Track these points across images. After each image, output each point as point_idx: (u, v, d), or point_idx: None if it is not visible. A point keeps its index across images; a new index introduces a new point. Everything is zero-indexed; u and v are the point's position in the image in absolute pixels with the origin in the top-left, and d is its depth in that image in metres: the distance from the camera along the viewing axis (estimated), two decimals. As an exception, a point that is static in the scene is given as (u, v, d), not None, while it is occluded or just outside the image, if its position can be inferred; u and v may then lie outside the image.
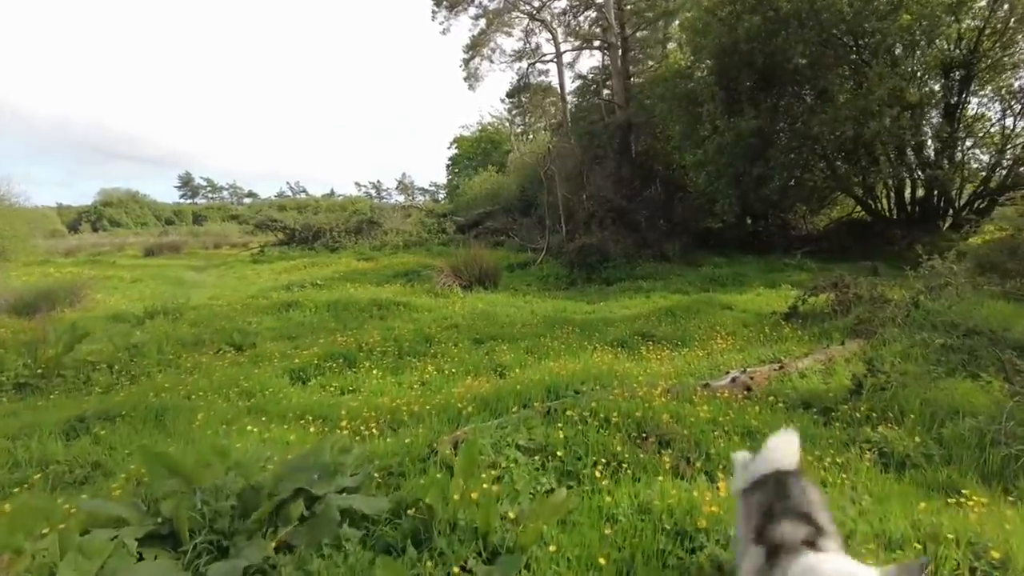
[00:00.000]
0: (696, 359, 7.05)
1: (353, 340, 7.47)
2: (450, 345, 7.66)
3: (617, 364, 6.59)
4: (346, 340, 7.48)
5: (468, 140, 54.53)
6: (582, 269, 17.70)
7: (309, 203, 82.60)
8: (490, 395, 4.98)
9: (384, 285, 16.04)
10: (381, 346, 7.29)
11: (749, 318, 10.37)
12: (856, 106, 15.66)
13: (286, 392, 5.85)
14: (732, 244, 22.50)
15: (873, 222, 21.26)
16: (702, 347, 7.73)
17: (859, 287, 8.86)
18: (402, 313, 11.43)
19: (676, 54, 25.31)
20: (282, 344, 8.74)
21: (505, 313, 11.75)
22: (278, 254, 29.00)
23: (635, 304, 12.89)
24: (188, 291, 17.65)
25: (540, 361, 7.03)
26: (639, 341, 8.22)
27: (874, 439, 4.34)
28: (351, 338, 7.81)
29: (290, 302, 12.37)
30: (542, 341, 8.04)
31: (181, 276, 21.51)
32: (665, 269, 17.38)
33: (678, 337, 8.44)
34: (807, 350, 7.34)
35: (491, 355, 7.35)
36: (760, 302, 11.91)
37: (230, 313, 11.63)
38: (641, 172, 24.95)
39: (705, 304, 11.69)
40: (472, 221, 32.50)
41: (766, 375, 6.37)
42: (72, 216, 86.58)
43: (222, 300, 14.26)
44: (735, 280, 15.20)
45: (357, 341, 7.35)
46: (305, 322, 10.80)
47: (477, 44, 36.96)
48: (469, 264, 14.55)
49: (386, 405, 4.85)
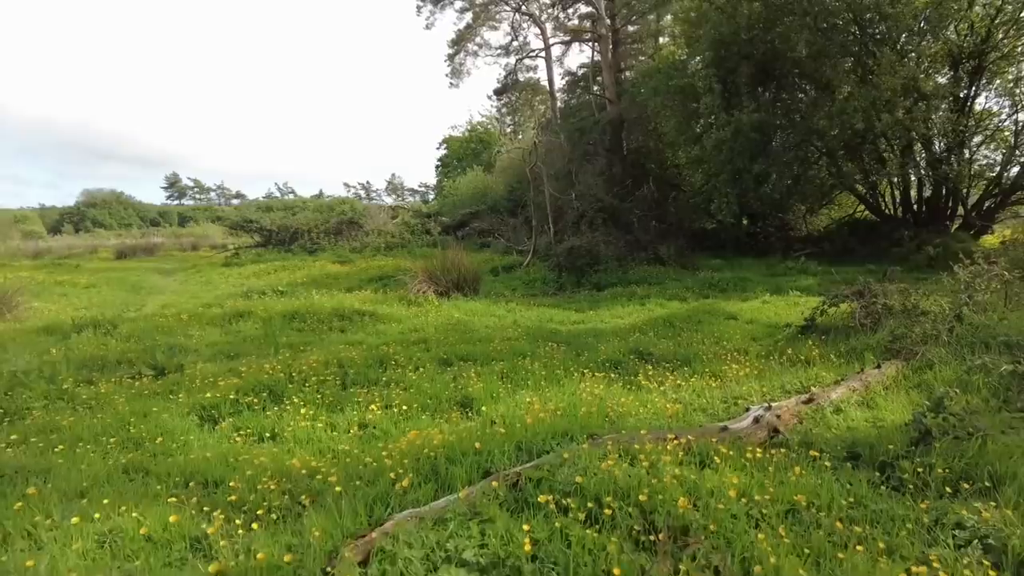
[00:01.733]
0: (706, 387, 5.81)
1: (283, 367, 6.09)
2: (408, 370, 6.36)
3: (610, 397, 5.33)
4: (274, 367, 6.08)
5: (457, 140, 53.22)
6: (571, 273, 16.46)
7: (297, 204, 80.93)
8: (441, 452, 3.71)
9: (355, 291, 14.71)
10: (320, 373, 5.98)
11: (758, 331, 9.17)
12: (866, 97, 14.51)
13: (187, 439, 4.55)
14: (729, 246, 21.35)
15: (878, 222, 20.18)
16: (710, 370, 6.49)
17: (888, 296, 7.65)
18: (366, 325, 10.12)
19: (670, 47, 24.17)
20: (217, 365, 7.43)
21: (483, 324, 10.47)
22: (253, 257, 27.58)
23: (629, 313, 11.66)
24: (144, 298, 16.29)
25: (516, 392, 5.76)
26: (635, 362, 6.97)
27: (969, 523, 3.11)
28: (286, 361, 6.44)
29: (243, 312, 11.03)
30: (521, 363, 6.77)
31: (143, 281, 20.09)
32: (660, 273, 16.16)
33: (680, 356, 7.20)
34: (837, 375, 6.11)
35: (458, 382, 6.07)
36: (768, 311, 10.71)
37: (172, 325, 10.27)
38: (633, 170, 23.77)
39: (707, 313, 10.48)
40: (458, 222, 31.21)
41: (794, 411, 5.15)
42: (55, 217, 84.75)
43: (173, 308, 12.91)
44: (736, 285, 14.00)
45: (287, 369, 5.99)
46: (253, 336, 9.48)
47: (462, 39, 35.67)
48: (446, 268, 13.26)
49: (296, 469, 3.56)
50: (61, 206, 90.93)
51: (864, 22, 16.68)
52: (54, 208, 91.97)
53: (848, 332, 7.60)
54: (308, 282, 16.93)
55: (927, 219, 18.94)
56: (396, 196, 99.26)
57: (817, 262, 16.75)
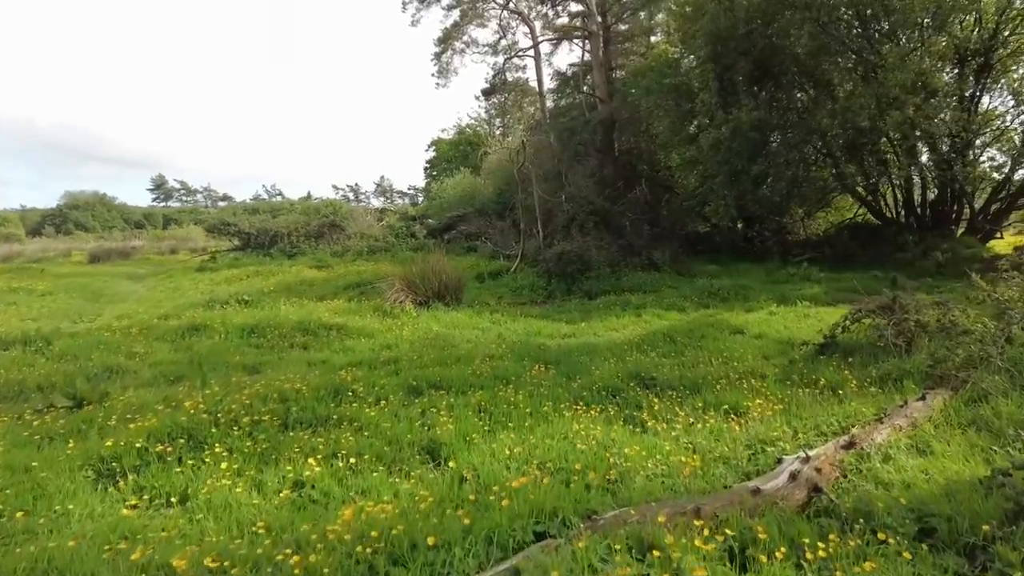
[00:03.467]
0: (724, 427, 4.85)
1: (210, 403, 4.96)
2: (367, 403, 5.34)
3: (610, 442, 4.36)
4: (196, 405, 4.90)
5: (446, 142, 52.27)
6: (561, 279, 15.49)
7: (284, 206, 79.56)
8: (383, 549, 2.71)
9: (328, 300, 13.66)
10: (256, 410, 4.93)
11: (769, 347, 8.24)
12: (872, 94, 13.65)
13: (67, 508, 3.53)
14: (724, 250, 20.50)
15: (880, 226, 19.39)
16: (725, 402, 5.53)
17: (921, 311, 6.74)
18: (332, 341, 9.09)
19: (663, 44, 23.30)
20: (153, 392, 6.37)
21: (465, 339, 9.47)
22: (229, 261, 26.42)
23: (624, 325, 10.70)
24: (102, 306, 15.14)
25: (496, 432, 4.77)
26: (637, 390, 6.00)
27: None
28: (214, 397, 5.32)
29: (199, 325, 9.96)
30: (503, 392, 5.77)
31: (108, 287, 18.89)
32: (655, 279, 15.23)
33: (688, 381, 6.24)
34: (875, 408, 5.17)
35: (427, 418, 5.07)
36: (776, 324, 9.79)
37: (117, 341, 9.19)
38: (625, 172, 22.86)
39: (710, 327, 9.55)
40: (444, 225, 30.18)
41: (835, 460, 4.20)
42: (36, 219, 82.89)
43: (127, 320, 11.79)
44: (737, 294, 13.09)
45: (214, 406, 4.90)
46: (205, 355, 8.42)
47: (449, 37, 34.69)
48: (427, 275, 12.24)
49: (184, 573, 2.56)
50: (43, 207, 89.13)
51: (867, 17, 15.89)
52: (36, 210, 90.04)
53: (876, 352, 6.68)
54: (281, 289, 15.84)
55: (931, 223, 18.17)
56: (385, 199, 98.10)
57: (819, 268, 15.90)
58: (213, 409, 4.81)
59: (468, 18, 33.90)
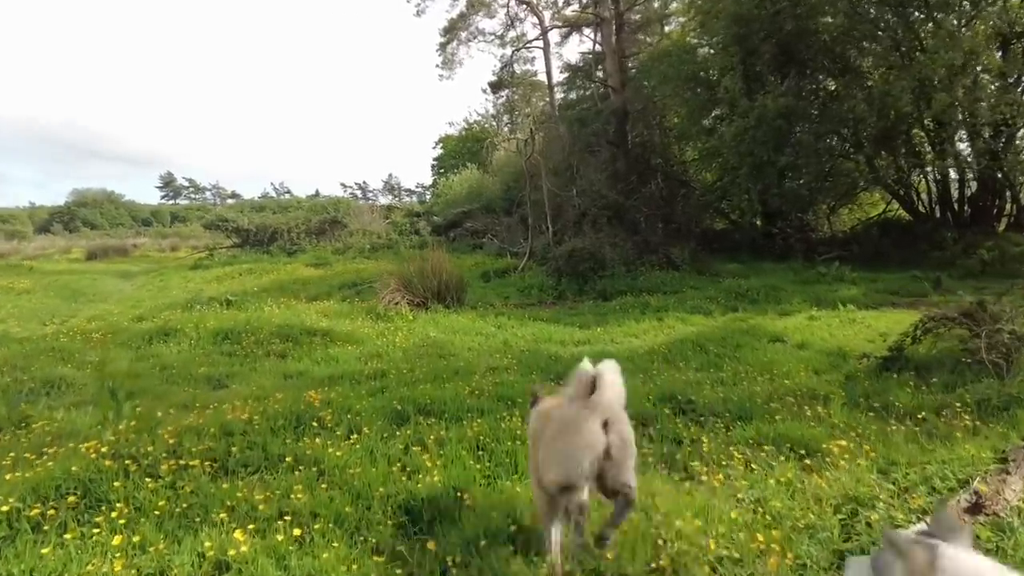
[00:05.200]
0: (795, 474, 3.70)
1: (122, 442, 3.77)
2: (334, 438, 4.22)
3: (648, 501, 3.24)
4: (96, 449, 3.64)
5: (453, 139, 51.21)
6: (572, 279, 14.33)
7: (291, 204, 78.82)
8: None
9: (321, 300, 12.59)
10: (186, 449, 3.81)
11: (818, 360, 7.07)
12: (915, 76, 12.40)
13: None
14: (744, 248, 19.22)
15: (913, 223, 18.11)
16: (786, 434, 4.39)
17: (1017, 320, 5.56)
18: (315, 348, 8.00)
19: (680, 31, 22.10)
20: (91, 415, 5.33)
21: (465, 347, 8.37)
22: (226, 258, 25.49)
23: (644, 330, 9.55)
24: (79, 306, 14.19)
25: (496, 480, 3.67)
26: (673, 419, 4.88)
27: None
28: (126, 434, 4.14)
29: (170, 329, 8.90)
30: (507, 420, 4.66)
31: (93, 286, 17.92)
32: (674, 279, 14.05)
33: (734, 405, 5.11)
34: (988, 450, 4.01)
35: (408, 458, 3.97)
36: (819, 332, 8.61)
37: (74, 348, 8.16)
38: (638, 165, 21.65)
39: (744, 333, 8.39)
40: (450, 222, 29.11)
41: (963, 531, 3.05)
42: (44, 217, 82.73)
43: (98, 322, 10.79)
44: (768, 296, 11.89)
45: (123, 450, 3.77)
46: (169, 365, 7.37)
47: (455, 27, 33.57)
48: (425, 274, 11.12)
49: None
50: (51, 205, 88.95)
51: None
52: (44, 207, 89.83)
53: (961, 371, 5.51)
54: (272, 288, 14.81)
55: (970, 219, 16.92)
56: (393, 196, 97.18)
57: (850, 268, 14.67)
58: (125, 451, 3.70)
59: (475, 7, 32.77)
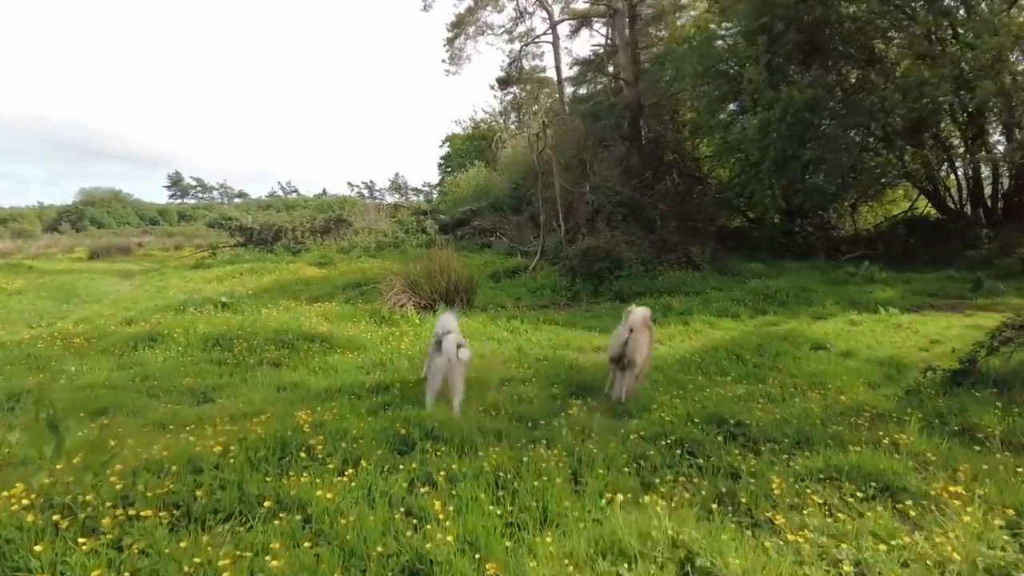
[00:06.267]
0: (894, 525, 2.99)
1: (60, 489, 3.01)
2: (325, 473, 3.52)
3: (716, 564, 2.53)
4: (15, 500, 2.90)
5: (460, 138, 50.52)
6: (587, 279, 13.60)
7: (298, 203, 78.47)
8: None
9: (323, 302, 11.91)
10: (127, 500, 3.10)
11: (869, 370, 6.34)
12: (956, 63, 11.60)
13: None
14: (763, 247, 18.40)
15: (943, 220, 17.27)
16: (862, 467, 3.66)
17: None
18: (313, 356, 7.32)
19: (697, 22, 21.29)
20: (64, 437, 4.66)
21: (477, 353, 7.65)
22: (229, 257, 24.92)
23: (670, 335, 8.82)
24: (71, 307, 13.58)
25: (521, 531, 2.96)
26: (723, 445, 4.16)
27: None
28: (58, 484, 3.40)
29: (157, 335, 8.25)
30: (531, 453, 3.95)
31: (89, 286, 17.31)
32: (695, 280, 13.30)
33: (791, 429, 4.39)
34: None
35: (414, 498, 3.28)
36: (863, 338, 7.86)
37: (53, 355, 7.53)
38: (652, 161, 20.88)
39: (782, 340, 7.65)
40: (457, 220, 28.36)
41: None
42: (52, 216, 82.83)
43: (87, 325, 10.17)
44: (798, 298, 11.12)
45: (54, 499, 3.04)
46: (153, 374, 6.72)
47: (463, 22, 32.88)
48: (432, 275, 10.43)
49: None
50: (60, 204, 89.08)
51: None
52: (53, 206, 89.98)
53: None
54: (273, 289, 14.15)
55: (1003, 216, 16.09)
56: (400, 195, 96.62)
57: (879, 267, 13.89)
58: (59, 500, 3.01)
59: (483, 1, 32.11)
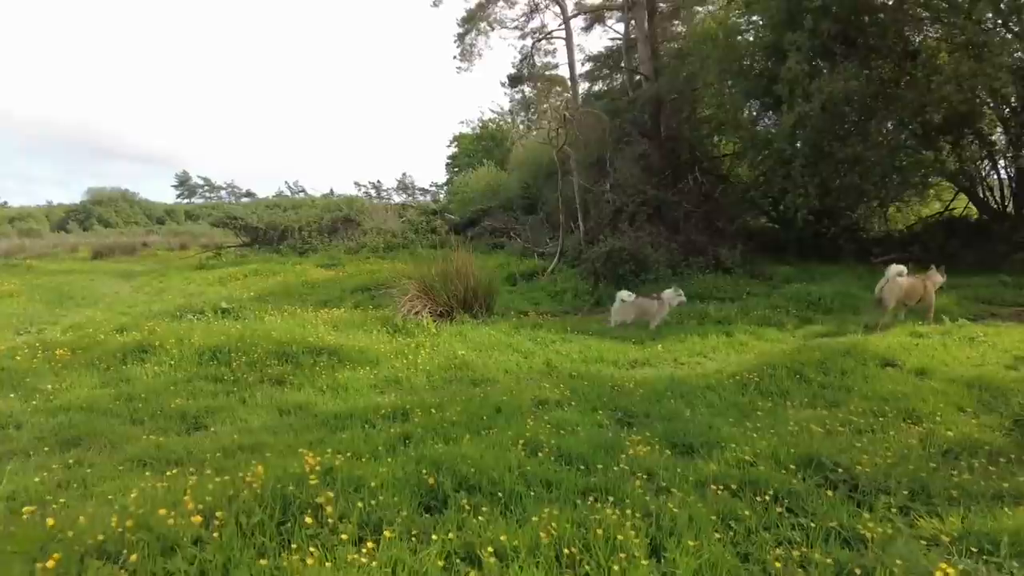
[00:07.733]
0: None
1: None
2: (335, 545, 2.73)
3: None
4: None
5: (468, 137, 49.78)
6: (611, 282, 12.79)
7: (306, 202, 77.90)
8: None
9: (330, 307, 11.15)
10: None
11: (957, 393, 5.50)
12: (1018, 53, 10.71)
13: None
14: (790, 249, 17.49)
15: (985, 222, 16.33)
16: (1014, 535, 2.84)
17: None
18: (321, 372, 6.53)
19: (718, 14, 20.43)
20: (6, 479, 3.91)
21: (501, 369, 6.87)
22: (234, 257, 24.27)
23: (713, 347, 7.98)
24: (64, 311, 12.85)
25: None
26: (829, 500, 3.33)
27: None
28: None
29: (148, 345, 7.49)
30: (592, 511, 3.14)
31: (87, 287, 16.63)
32: (727, 284, 12.48)
33: (905, 477, 3.56)
34: None
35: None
36: (935, 353, 7.00)
37: (32, 368, 6.79)
38: (672, 159, 20.02)
39: (844, 355, 6.79)
40: (467, 220, 27.57)
41: None
42: (60, 215, 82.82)
43: (78, 331, 9.43)
44: (843, 304, 10.27)
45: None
46: (141, 392, 5.95)
47: (474, 17, 32.14)
48: (449, 279, 9.63)
49: None
50: (69, 204, 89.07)
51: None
52: (61, 205, 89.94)
53: None
54: (278, 292, 13.42)
55: (1050, 218, 15.18)
56: (407, 195, 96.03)
57: (918, 271, 12.99)
58: None
59: (494, -2, 31.41)
